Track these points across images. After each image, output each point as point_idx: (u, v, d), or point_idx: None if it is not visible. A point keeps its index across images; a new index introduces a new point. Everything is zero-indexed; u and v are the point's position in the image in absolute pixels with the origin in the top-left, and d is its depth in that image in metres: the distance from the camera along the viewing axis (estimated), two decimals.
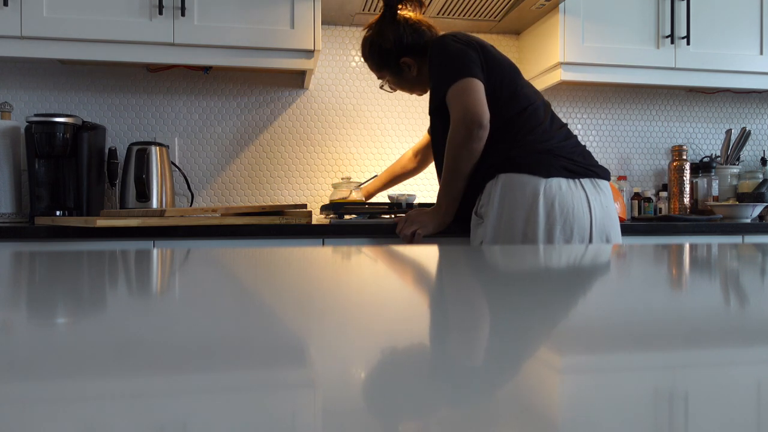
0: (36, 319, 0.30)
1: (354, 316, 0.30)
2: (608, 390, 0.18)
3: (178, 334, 0.26)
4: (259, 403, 0.17)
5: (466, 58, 1.44)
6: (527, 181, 1.38)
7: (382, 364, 0.21)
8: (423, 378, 0.19)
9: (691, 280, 0.47)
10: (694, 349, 0.24)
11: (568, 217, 1.37)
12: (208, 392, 0.17)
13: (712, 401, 0.17)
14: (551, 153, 1.41)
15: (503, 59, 1.51)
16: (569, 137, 1.49)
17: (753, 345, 0.24)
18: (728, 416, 0.16)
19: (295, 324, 0.28)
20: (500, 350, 0.22)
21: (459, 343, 0.24)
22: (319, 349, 0.23)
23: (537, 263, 0.58)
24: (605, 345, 0.24)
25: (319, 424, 0.15)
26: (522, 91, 1.48)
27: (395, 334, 0.26)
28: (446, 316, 0.30)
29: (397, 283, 0.43)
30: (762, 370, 0.21)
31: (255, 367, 0.21)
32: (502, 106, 1.45)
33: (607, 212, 1.43)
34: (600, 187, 1.44)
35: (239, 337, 0.25)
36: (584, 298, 0.37)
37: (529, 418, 0.15)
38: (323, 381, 0.19)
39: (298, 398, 0.17)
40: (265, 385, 0.18)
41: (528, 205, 1.36)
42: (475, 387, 0.18)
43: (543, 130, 1.45)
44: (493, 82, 1.46)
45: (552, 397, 0.17)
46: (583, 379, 0.20)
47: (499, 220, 1.39)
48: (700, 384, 0.19)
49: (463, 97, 1.40)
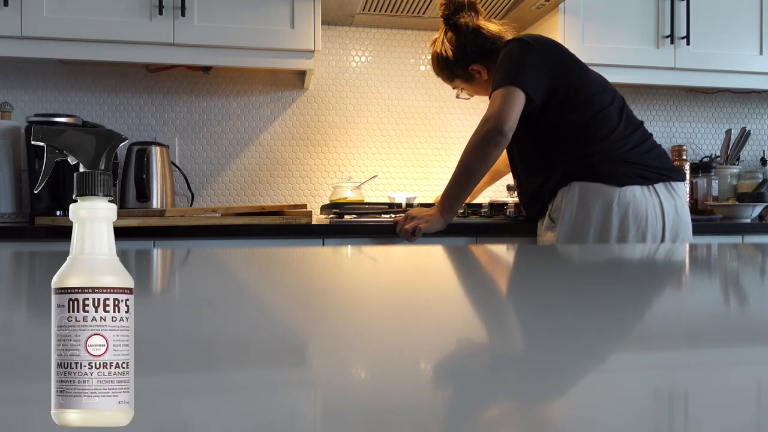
0: (36, 319, 0.30)
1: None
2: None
3: (178, 334, 0.26)
4: (259, 403, 0.17)
5: (524, 64, 1.43)
6: (601, 190, 1.39)
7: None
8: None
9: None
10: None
11: (641, 224, 1.38)
12: (208, 392, 0.17)
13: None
14: (625, 161, 1.41)
15: (573, 61, 1.49)
16: (644, 139, 1.48)
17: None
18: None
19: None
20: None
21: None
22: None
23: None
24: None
25: (330, 423, 0.15)
26: (595, 96, 1.47)
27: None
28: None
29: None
30: None
31: (255, 367, 0.20)
32: (572, 112, 1.45)
33: (680, 215, 1.44)
34: (674, 190, 1.45)
35: (239, 337, 0.25)
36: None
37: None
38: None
39: (309, 397, 0.17)
40: (265, 385, 0.18)
41: (602, 214, 1.38)
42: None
43: (617, 135, 1.44)
44: (562, 87, 1.45)
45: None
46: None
47: (571, 227, 1.41)
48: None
49: (497, 101, 1.41)
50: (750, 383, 0.19)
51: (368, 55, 2.33)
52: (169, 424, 0.15)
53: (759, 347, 0.24)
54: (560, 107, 1.44)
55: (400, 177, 2.36)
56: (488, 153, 1.41)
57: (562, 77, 1.45)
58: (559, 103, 1.44)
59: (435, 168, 2.37)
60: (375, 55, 2.33)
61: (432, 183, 2.37)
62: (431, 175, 2.35)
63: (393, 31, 2.34)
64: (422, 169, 2.36)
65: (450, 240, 1.63)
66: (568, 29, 2.11)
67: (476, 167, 1.43)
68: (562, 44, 1.53)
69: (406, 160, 2.36)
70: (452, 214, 1.51)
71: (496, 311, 0.32)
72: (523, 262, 0.60)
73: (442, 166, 2.37)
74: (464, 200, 1.52)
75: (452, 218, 1.52)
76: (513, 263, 0.60)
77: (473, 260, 0.63)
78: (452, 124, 2.38)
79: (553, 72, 1.45)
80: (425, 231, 1.50)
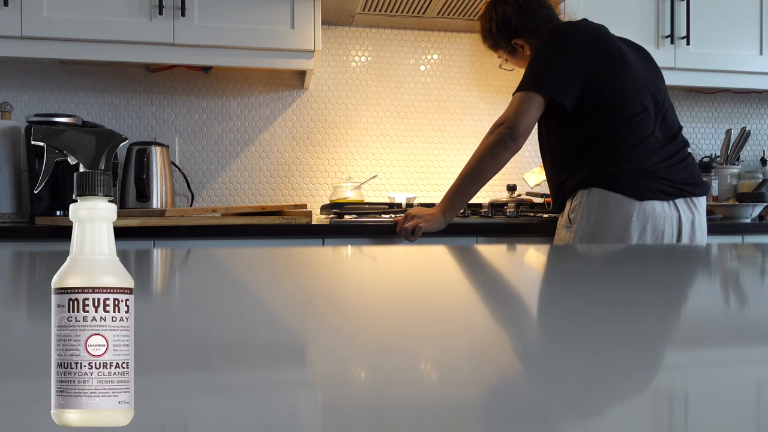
0: (36, 319, 0.30)
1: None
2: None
3: (178, 334, 0.26)
4: (259, 403, 0.17)
5: (552, 66, 1.40)
6: (621, 201, 1.37)
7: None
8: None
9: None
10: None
11: (658, 238, 1.37)
12: (208, 392, 0.17)
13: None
14: (650, 174, 1.39)
15: (616, 55, 1.43)
16: (675, 150, 1.44)
17: None
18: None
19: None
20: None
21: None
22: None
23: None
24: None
25: (326, 423, 0.15)
26: (631, 99, 1.42)
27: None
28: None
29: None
30: None
31: (255, 367, 0.20)
32: (605, 109, 1.41)
33: (696, 230, 1.44)
34: (695, 206, 1.44)
35: (239, 338, 0.25)
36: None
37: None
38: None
39: (310, 397, 0.17)
40: (265, 385, 0.18)
41: (620, 225, 1.37)
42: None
43: (647, 145, 1.40)
44: (599, 82, 1.40)
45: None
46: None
47: (589, 232, 1.40)
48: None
49: (515, 105, 1.39)
50: (750, 383, 0.19)
51: (368, 55, 2.33)
52: (169, 424, 0.15)
53: (759, 347, 0.24)
54: (593, 105, 1.41)
55: (400, 177, 2.36)
56: (498, 157, 1.41)
57: (597, 75, 1.40)
58: (593, 101, 1.40)
59: (435, 168, 2.37)
60: (375, 55, 2.33)
61: (432, 183, 2.37)
62: (431, 175, 2.35)
63: (393, 31, 2.34)
64: (422, 169, 2.36)
65: (450, 240, 1.63)
66: None
67: (485, 170, 1.43)
68: (608, 33, 1.47)
69: (406, 160, 2.36)
70: (453, 214, 1.51)
71: (496, 311, 0.32)
72: (523, 262, 0.60)
73: (442, 166, 2.37)
74: (468, 201, 1.51)
75: (453, 218, 1.52)
76: (513, 263, 0.60)
77: (473, 260, 0.63)
78: (452, 124, 2.38)
79: (586, 71, 1.40)
80: (425, 230, 1.50)
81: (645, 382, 0.19)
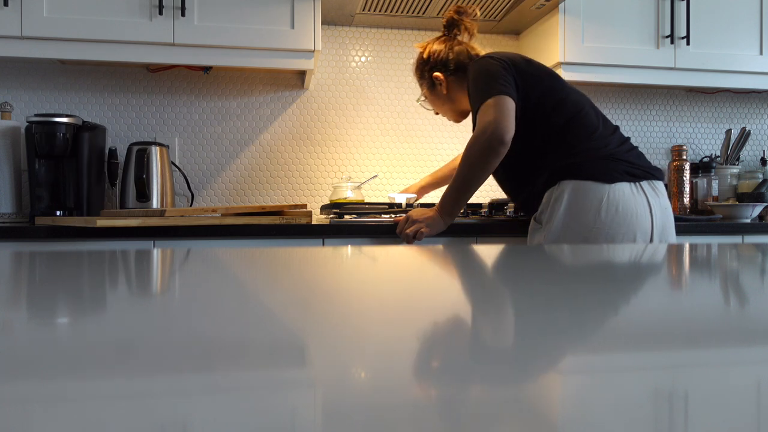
0: (36, 319, 0.30)
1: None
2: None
3: (178, 334, 0.26)
4: (259, 403, 0.17)
5: (500, 76, 1.45)
6: (592, 187, 1.39)
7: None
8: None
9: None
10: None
11: (632, 222, 1.38)
12: (208, 392, 0.18)
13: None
14: (613, 158, 1.42)
15: (540, 70, 1.52)
16: (624, 140, 1.50)
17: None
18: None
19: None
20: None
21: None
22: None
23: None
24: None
25: (321, 424, 0.15)
26: (569, 98, 1.49)
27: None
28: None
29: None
30: None
31: (255, 367, 0.21)
32: (550, 115, 1.46)
33: (666, 214, 1.45)
34: (658, 189, 1.46)
35: (239, 337, 0.25)
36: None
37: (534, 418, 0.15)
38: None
39: (309, 398, 0.17)
40: (265, 385, 0.18)
41: (593, 211, 1.38)
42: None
43: (599, 135, 1.46)
44: (534, 95, 1.47)
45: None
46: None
47: (561, 226, 1.40)
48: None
49: (491, 110, 1.41)
50: (750, 383, 0.19)
51: (368, 55, 2.33)
52: (169, 424, 0.15)
53: (759, 347, 0.24)
54: (537, 112, 1.46)
55: (400, 177, 2.36)
56: (489, 161, 1.41)
57: (532, 85, 1.47)
58: (535, 108, 1.46)
59: (435, 168, 2.37)
60: (375, 55, 2.33)
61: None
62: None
63: (393, 31, 2.34)
64: (422, 169, 2.37)
65: (450, 240, 1.64)
66: (567, 29, 2.11)
67: (477, 175, 1.44)
68: (526, 56, 1.57)
69: (406, 160, 2.36)
70: (452, 218, 1.52)
71: (497, 311, 0.32)
72: (523, 262, 0.60)
73: (442, 166, 2.37)
74: (464, 205, 1.53)
75: (452, 221, 1.53)
76: (513, 263, 0.60)
77: (474, 260, 0.63)
78: (452, 123, 2.38)
79: (523, 81, 1.47)
80: (427, 235, 1.51)
81: (645, 382, 0.19)
